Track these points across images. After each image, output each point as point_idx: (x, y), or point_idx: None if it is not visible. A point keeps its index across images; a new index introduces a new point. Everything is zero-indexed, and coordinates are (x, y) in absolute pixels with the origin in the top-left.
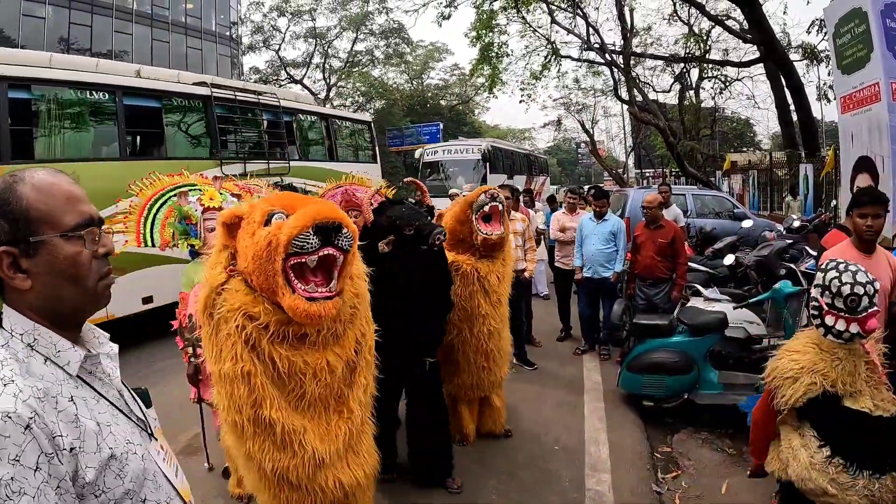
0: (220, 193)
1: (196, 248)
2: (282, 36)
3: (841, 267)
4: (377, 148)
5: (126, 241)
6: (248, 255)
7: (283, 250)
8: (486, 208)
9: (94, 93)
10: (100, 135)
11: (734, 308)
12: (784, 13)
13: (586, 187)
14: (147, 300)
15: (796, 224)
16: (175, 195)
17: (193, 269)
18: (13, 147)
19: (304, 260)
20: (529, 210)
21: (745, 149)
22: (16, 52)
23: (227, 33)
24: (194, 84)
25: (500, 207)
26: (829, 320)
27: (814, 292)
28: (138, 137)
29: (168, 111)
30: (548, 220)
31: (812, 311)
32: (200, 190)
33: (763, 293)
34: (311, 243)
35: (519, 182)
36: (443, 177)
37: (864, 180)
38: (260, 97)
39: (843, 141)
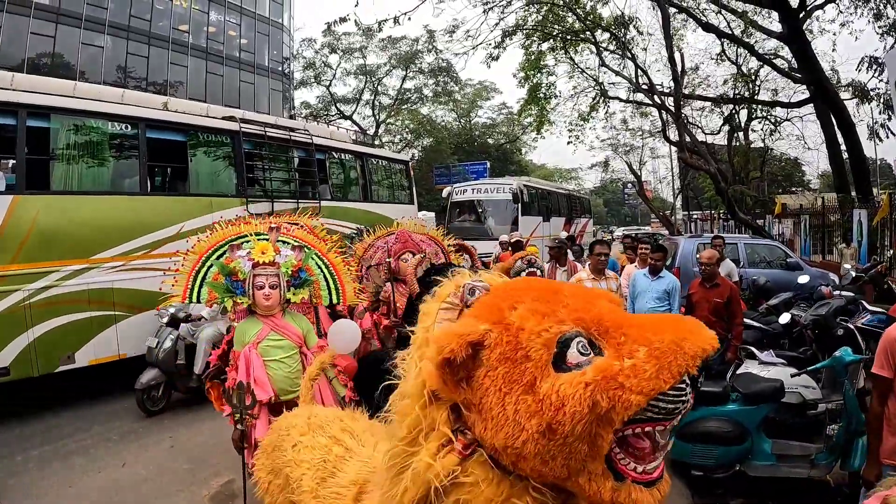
0: (278, 243)
1: (245, 305)
2: (333, 72)
3: None
4: (414, 189)
5: (172, 296)
6: (519, 421)
7: (627, 415)
8: (524, 275)
9: (116, 124)
10: (121, 168)
11: (791, 375)
12: (833, 50)
13: (634, 232)
14: None
15: (852, 274)
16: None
17: (245, 327)
18: (28, 177)
19: (649, 429)
20: (577, 263)
21: (793, 189)
22: (39, 79)
23: (280, 68)
24: (223, 118)
25: (539, 274)
26: None
27: None
28: (161, 172)
29: (194, 146)
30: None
31: None
32: (250, 241)
33: (819, 355)
34: (683, 400)
35: (557, 224)
36: (472, 218)
37: None
38: (292, 133)
39: None
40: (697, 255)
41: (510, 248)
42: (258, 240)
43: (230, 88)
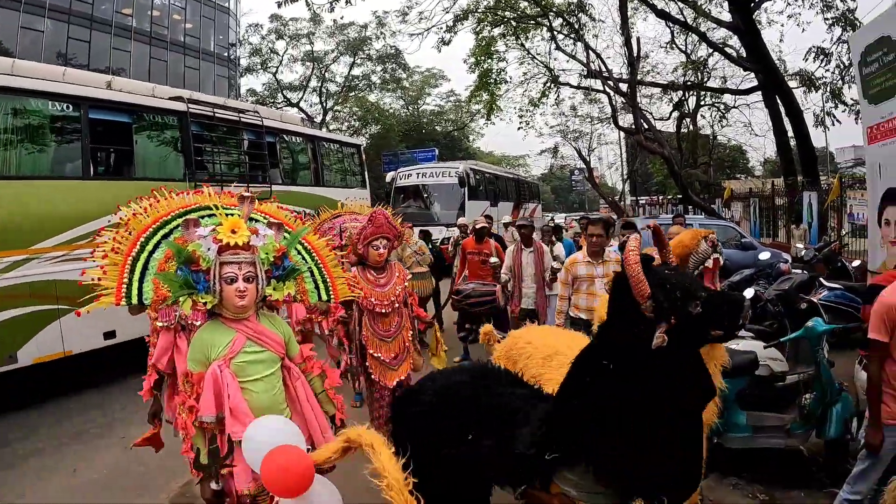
0: (251, 221)
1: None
2: (279, 59)
3: None
4: (367, 173)
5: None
6: None
7: None
8: (710, 263)
9: (57, 104)
10: (62, 151)
11: (764, 347)
12: (780, 41)
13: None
14: (109, 335)
15: (804, 253)
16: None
17: (208, 338)
18: None
19: None
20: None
21: (738, 176)
22: None
23: (226, 54)
24: (170, 99)
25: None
26: None
27: None
28: (105, 155)
29: (139, 127)
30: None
31: None
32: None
33: (789, 327)
34: None
35: (505, 209)
36: (418, 203)
37: (893, 213)
38: (241, 115)
39: (871, 172)
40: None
41: (473, 234)
42: (226, 215)
43: (175, 74)
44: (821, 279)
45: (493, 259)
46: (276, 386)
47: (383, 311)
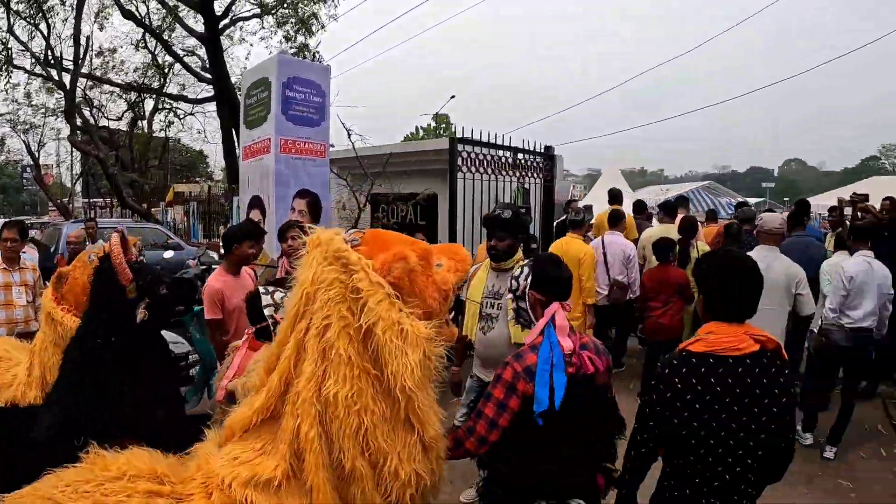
0: None
1: None
2: None
3: None
4: None
5: None
6: None
7: None
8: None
9: None
10: None
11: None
12: (247, 58)
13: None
14: None
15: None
16: None
17: None
18: None
19: None
20: None
21: (197, 179)
22: None
23: None
24: None
25: None
26: None
27: None
28: None
29: None
30: None
31: None
32: None
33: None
34: None
35: None
36: None
37: (255, 215)
38: None
39: (243, 182)
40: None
41: None
42: None
43: None
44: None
45: None
46: None
47: None
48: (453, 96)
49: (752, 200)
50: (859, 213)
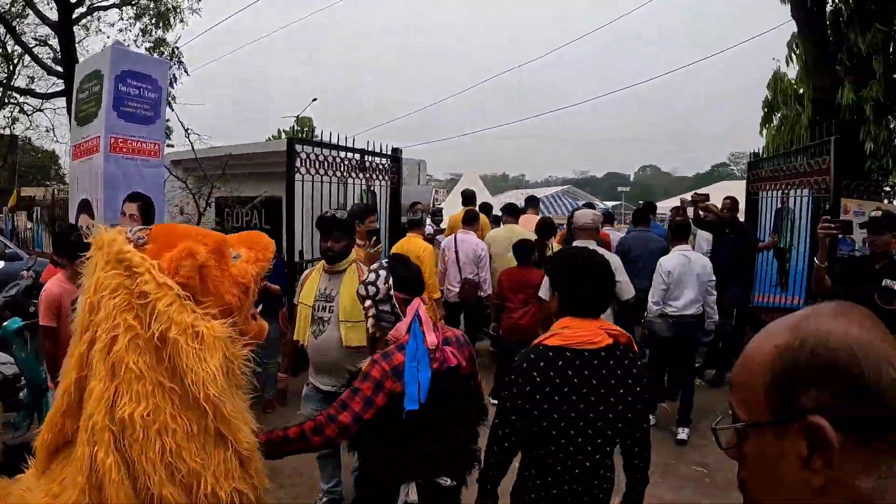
0: None
1: None
2: None
3: None
4: None
5: None
6: None
7: None
8: None
9: None
10: None
11: None
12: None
13: None
14: None
15: None
16: None
17: None
18: None
19: None
20: None
21: (48, 183)
22: None
23: None
24: None
25: None
26: None
27: None
28: None
29: None
30: None
31: None
32: None
33: None
34: None
35: None
36: None
37: (84, 220)
38: None
39: (72, 184)
40: None
41: None
42: None
43: None
44: None
45: None
46: None
47: None
48: (315, 99)
49: (609, 203)
50: (701, 213)
